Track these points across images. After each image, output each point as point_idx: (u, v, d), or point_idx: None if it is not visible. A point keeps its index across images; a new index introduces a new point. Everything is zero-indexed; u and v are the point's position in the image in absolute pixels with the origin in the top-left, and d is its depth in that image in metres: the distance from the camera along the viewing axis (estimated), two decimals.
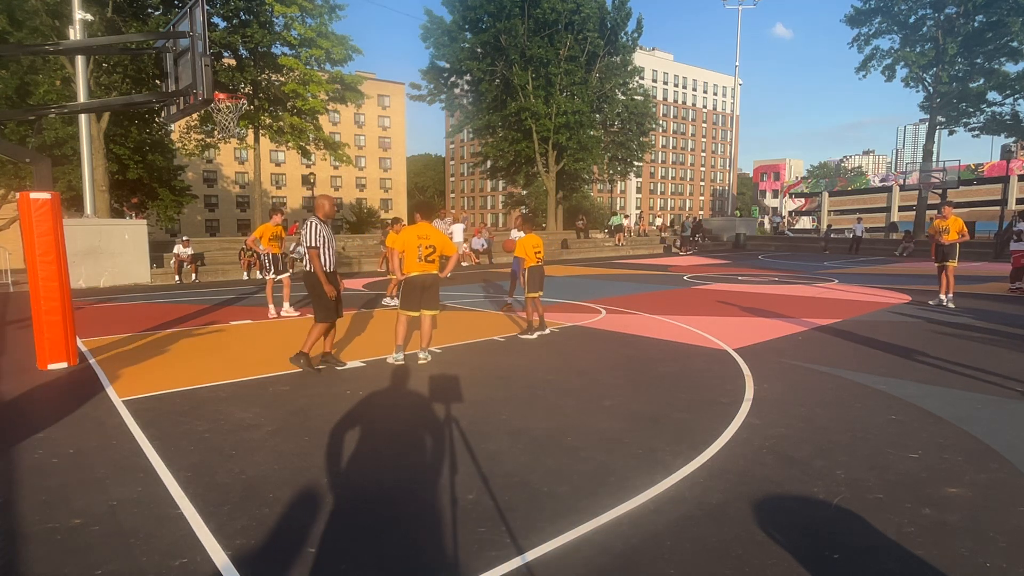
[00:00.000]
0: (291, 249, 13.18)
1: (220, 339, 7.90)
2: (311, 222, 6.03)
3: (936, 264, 10.75)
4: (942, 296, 10.52)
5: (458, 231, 19.80)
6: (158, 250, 16.81)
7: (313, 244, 5.94)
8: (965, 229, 10.69)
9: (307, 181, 46.00)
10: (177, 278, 16.03)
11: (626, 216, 39.90)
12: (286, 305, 9.90)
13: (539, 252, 7.90)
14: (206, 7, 6.64)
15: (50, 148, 21.79)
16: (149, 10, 21.20)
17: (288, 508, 3.16)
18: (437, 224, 16.69)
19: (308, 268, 6.02)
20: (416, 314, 6.38)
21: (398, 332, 6.38)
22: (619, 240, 29.76)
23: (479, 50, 31.53)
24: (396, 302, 10.78)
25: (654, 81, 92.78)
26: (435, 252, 6.26)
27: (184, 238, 16.99)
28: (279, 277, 9.88)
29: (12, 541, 2.85)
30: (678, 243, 29.32)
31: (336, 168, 66.57)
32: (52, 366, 6.22)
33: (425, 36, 31.43)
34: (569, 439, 4.16)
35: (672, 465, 3.70)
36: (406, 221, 9.79)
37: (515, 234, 10.13)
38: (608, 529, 2.94)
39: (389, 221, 11.68)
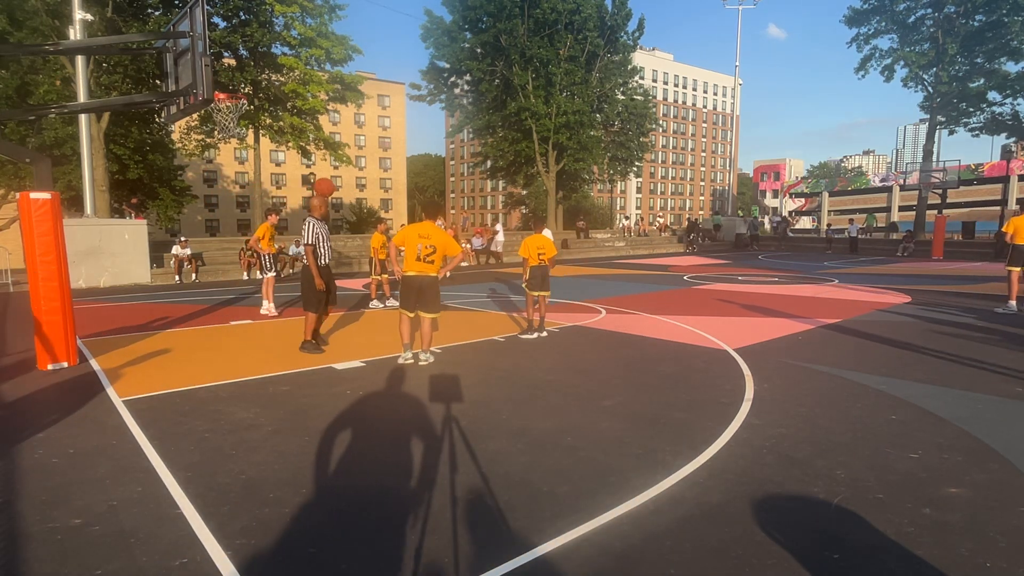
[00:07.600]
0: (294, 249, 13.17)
1: (220, 339, 7.90)
2: (309, 221, 6.82)
3: (1010, 269, 10.28)
4: (1012, 302, 10.18)
5: (500, 235, 19.94)
6: (158, 250, 16.81)
7: (309, 241, 6.73)
8: None
9: (307, 181, 46.12)
10: (177, 278, 16.03)
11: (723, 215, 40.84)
12: (266, 303, 9.77)
13: (543, 253, 7.92)
14: (206, 7, 6.64)
15: (50, 148, 21.76)
16: (149, 10, 21.20)
17: (288, 508, 3.16)
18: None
19: (305, 263, 6.82)
20: (412, 315, 6.33)
21: (402, 332, 6.43)
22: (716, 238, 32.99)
23: (479, 50, 31.51)
24: (379, 304, 10.87)
25: (654, 81, 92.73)
26: (435, 253, 6.18)
27: (182, 238, 16.99)
28: (269, 275, 9.94)
29: (12, 541, 2.85)
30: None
31: (336, 168, 66.47)
32: (52, 366, 6.22)
33: (425, 36, 31.43)
34: (569, 439, 4.16)
35: (672, 465, 3.69)
36: (405, 221, 9.85)
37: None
38: (608, 529, 2.93)
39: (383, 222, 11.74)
